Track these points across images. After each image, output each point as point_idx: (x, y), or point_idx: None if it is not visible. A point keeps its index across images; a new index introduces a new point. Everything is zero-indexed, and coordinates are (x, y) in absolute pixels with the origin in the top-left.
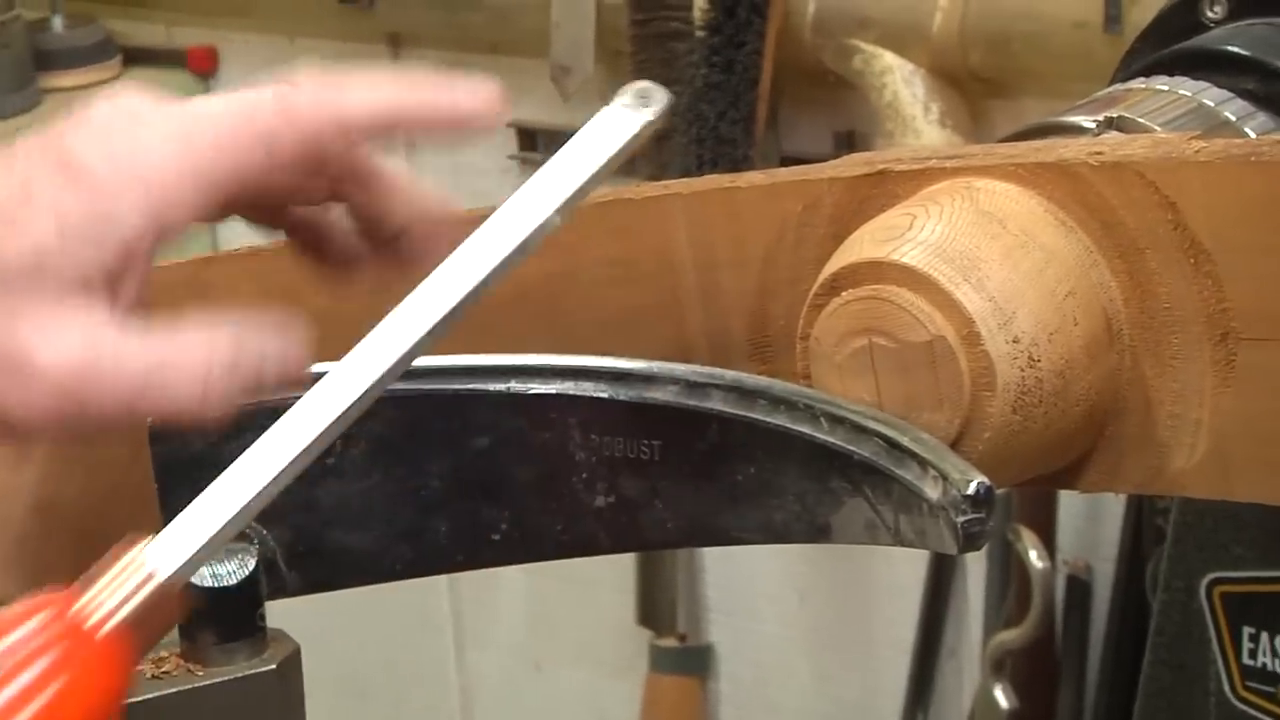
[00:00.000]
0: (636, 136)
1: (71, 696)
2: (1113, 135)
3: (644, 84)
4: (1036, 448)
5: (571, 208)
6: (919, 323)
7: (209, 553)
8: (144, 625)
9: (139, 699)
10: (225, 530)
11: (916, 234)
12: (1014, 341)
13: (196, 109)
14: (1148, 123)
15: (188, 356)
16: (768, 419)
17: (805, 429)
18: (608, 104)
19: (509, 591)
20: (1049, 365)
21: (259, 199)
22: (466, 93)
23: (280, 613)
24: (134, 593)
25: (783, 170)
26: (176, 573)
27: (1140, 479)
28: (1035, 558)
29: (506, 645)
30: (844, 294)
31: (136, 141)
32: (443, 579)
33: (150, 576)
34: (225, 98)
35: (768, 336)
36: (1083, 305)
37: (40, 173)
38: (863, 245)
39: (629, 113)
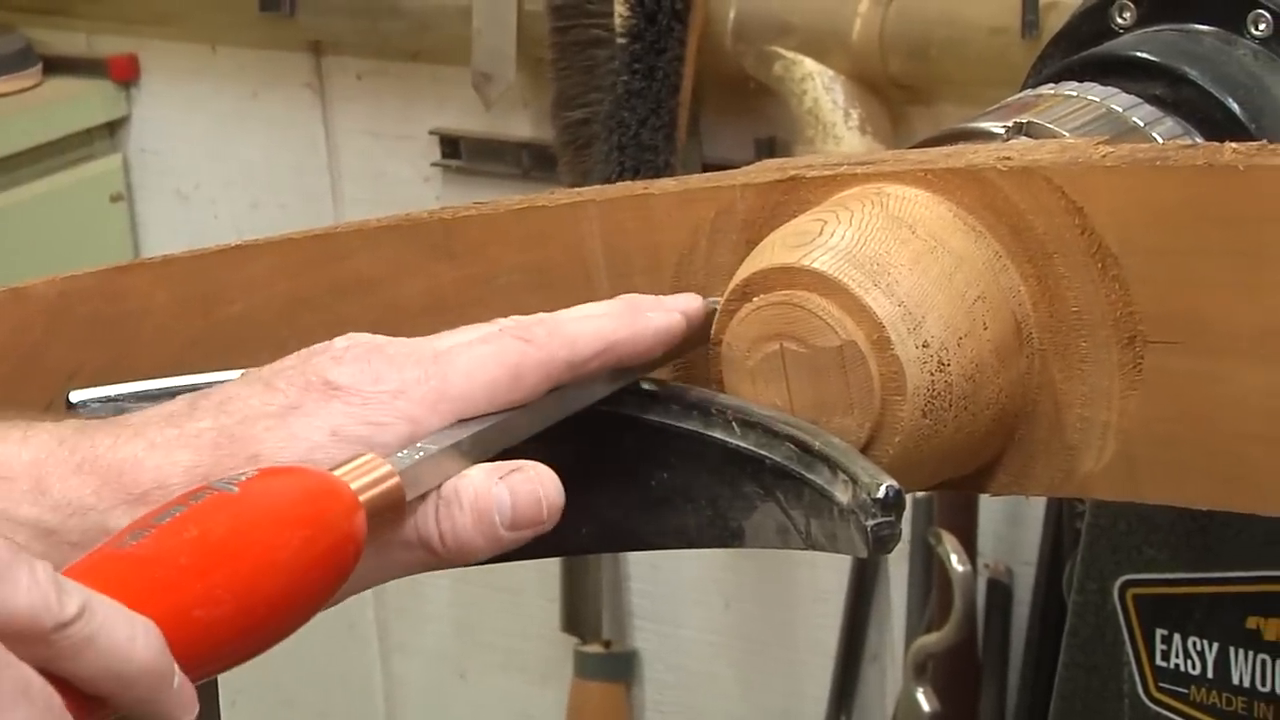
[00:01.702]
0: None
1: (325, 547)
2: (1021, 140)
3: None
4: (947, 451)
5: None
6: (829, 328)
7: (436, 472)
8: (375, 519)
9: None
10: (451, 452)
11: (827, 239)
12: (924, 346)
13: (438, 345)
14: (1056, 128)
15: None
16: (681, 424)
17: (718, 434)
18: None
19: (434, 600)
20: (958, 369)
21: None
22: (668, 312)
23: None
24: (379, 480)
25: (696, 177)
26: (407, 473)
27: (1050, 482)
28: (956, 561)
29: (432, 653)
30: (755, 299)
31: (398, 372)
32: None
33: (390, 474)
34: (466, 333)
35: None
36: (992, 309)
37: (308, 393)
38: (774, 251)
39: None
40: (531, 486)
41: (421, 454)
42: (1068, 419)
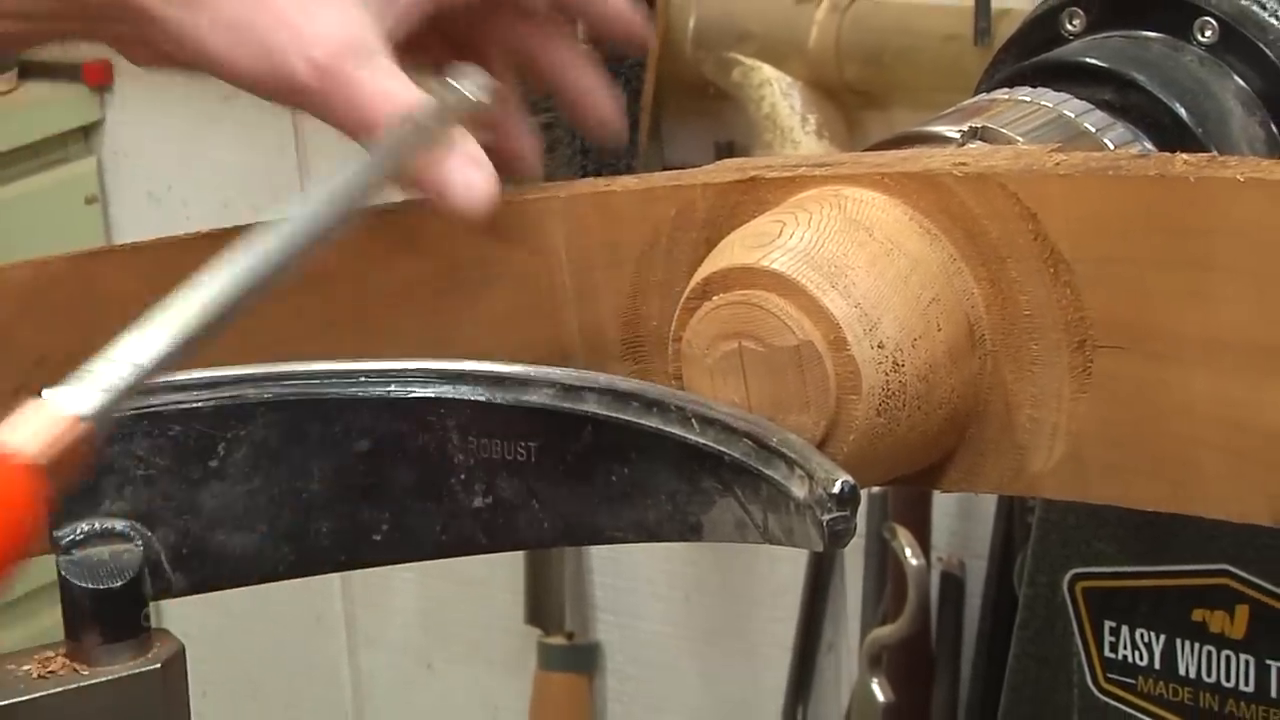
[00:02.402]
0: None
1: None
2: (977, 146)
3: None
4: (900, 449)
5: (395, 174)
6: (787, 327)
7: (124, 399)
8: (58, 466)
9: (25, 698)
10: (140, 376)
11: (786, 240)
12: (879, 347)
13: None
14: (1010, 133)
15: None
16: (641, 421)
17: (677, 430)
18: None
19: (401, 593)
20: (912, 370)
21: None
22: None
23: (176, 614)
24: (51, 430)
25: (658, 175)
26: (92, 415)
27: (999, 480)
28: (910, 555)
29: (399, 645)
30: (715, 298)
31: None
32: (335, 581)
33: (68, 418)
34: None
35: (640, 337)
36: (946, 311)
37: None
38: (734, 251)
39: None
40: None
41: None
42: (1018, 419)
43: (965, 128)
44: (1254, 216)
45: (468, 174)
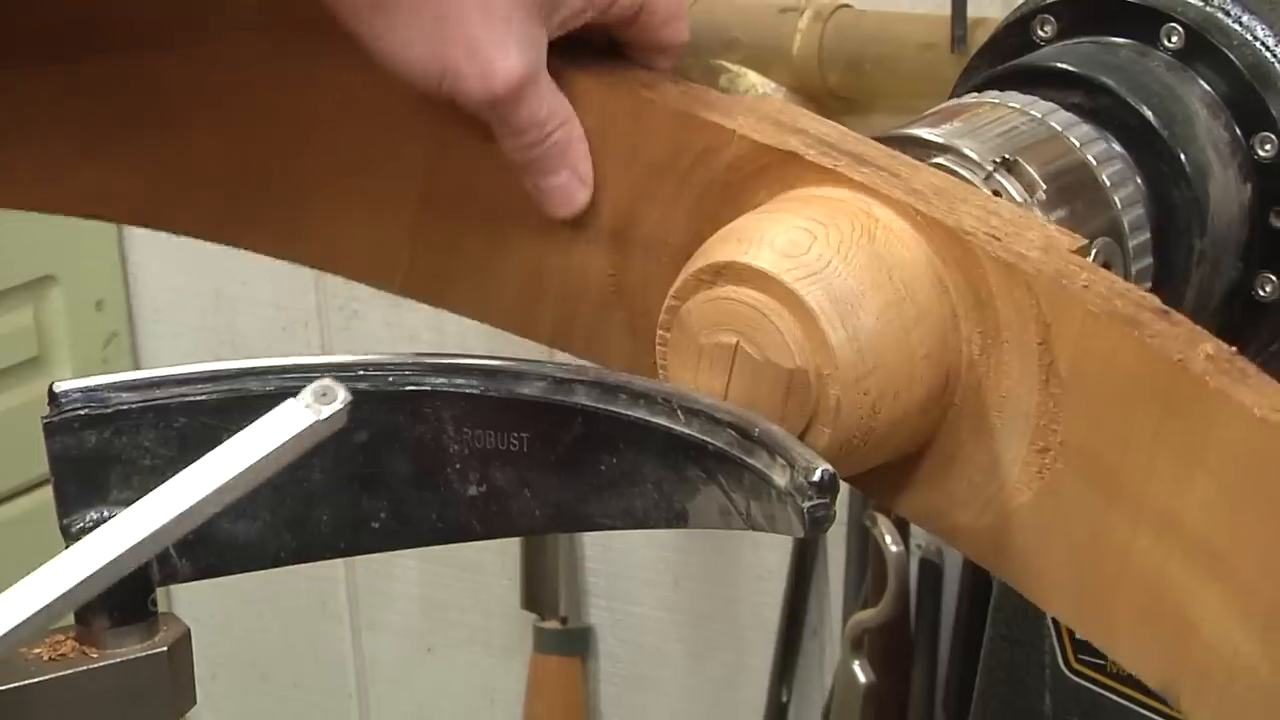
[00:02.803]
0: (307, 435)
1: None
2: (1006, 198)
3: (326, 382)
4: (847, 469)
5: (226, 499)
6: (789, 348)
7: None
8: None
9: (36, 680)
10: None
11: (812, 261)
12: (865, 394)
13: None
14: (1031, 169)
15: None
16: (628, 412)
17: (663, 421)
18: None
19: (402, 580)
20: (886, 418)
21: None
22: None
23: (188, 600)
24: None
25: (699, 98)
26: None
27: (922, 514)
28: (890, 543)
29: (400, 629)
30: (728, 288)
31: None
32: (339, 568)
33: None
34: None
35: (630, 233)
36: (933, 366)
37: None
38: (759, 247)
39: (306, 411)
40: None
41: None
42: (959, 474)
43: (998, 159)
44: (1254, 449)
45: (571, 190)
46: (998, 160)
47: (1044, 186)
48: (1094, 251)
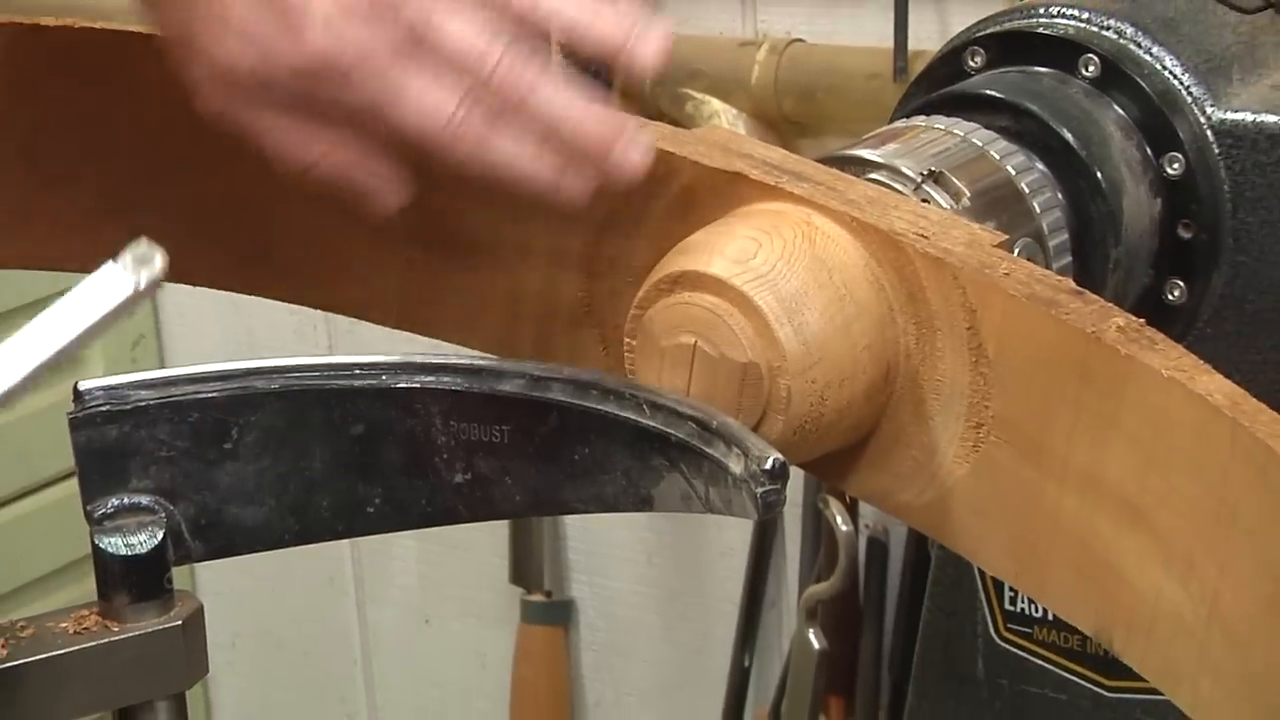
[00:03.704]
0: (124, 303)
1: None
2: (934, 205)
3: (144, 248)
4: (800, 456)
5: (46, 368)
6: (742, 345)
7: None
8: None
9: (62, 652)
10: None
11: (759, 265)
12: (812, 382)
13: None
14: (956, 180)
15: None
16: (599, 407)
17: (630, 415)
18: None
19: (402, 558)
20: (833, 404)
21: None
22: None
23: (209, 578)
24: None
25: (653, 130)
26: None
27: (871, 493)
28: (841, 523)
29: (400, 603)
30: (685, 294)
31: None
32: (345, 547)
33: None
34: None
35: (597, 259)
36: (874, 357)
37: None
38: (711, 257)
39: (123, 275)
40: None
41: None
42: (903, 455)
43: (923, 171)
44: (1163, 407)
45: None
46: (925, 173)
47: (968, 194)
48: (1016, 250)
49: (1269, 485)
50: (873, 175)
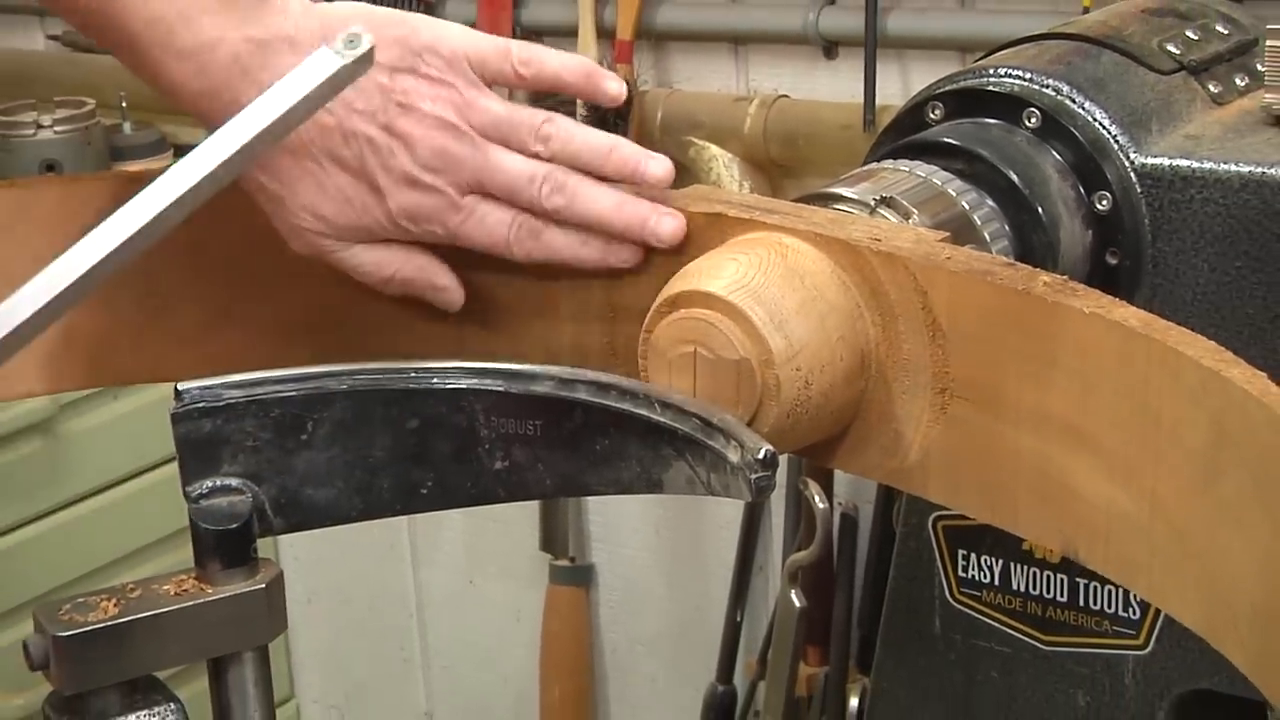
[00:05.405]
0: (334, 77)
1: None
2: (886, 219)
3: (355, 30)
4: (800, 438)
5: (275, 135)
6: (734, 345)
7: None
8: None
9: (165, 610)
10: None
11: (740, 278)
12: (797, 370)
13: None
14: (904, 202)
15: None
16: (617, 405)
17: (644, 412)
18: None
19: (450, 529)
20: (818, 389)
21: None
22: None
23: (290, 546)
24: None
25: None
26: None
27: (865, 466)
28: (818, 500)
29: (448, 566)
30: (681, 311)
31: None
32: (403, 522)
33: None
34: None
35: (615, 309)
36: (848, 347)
37: None
38: (701, 277)
39: (336, 56)
40: None
41: None
42: (886, 429)
43: (877, 197)
44: (1090, 339)
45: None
46: (877, 199)
47: (916, 214)
48: None
49: (1182, 384)
50: (836, 206)
